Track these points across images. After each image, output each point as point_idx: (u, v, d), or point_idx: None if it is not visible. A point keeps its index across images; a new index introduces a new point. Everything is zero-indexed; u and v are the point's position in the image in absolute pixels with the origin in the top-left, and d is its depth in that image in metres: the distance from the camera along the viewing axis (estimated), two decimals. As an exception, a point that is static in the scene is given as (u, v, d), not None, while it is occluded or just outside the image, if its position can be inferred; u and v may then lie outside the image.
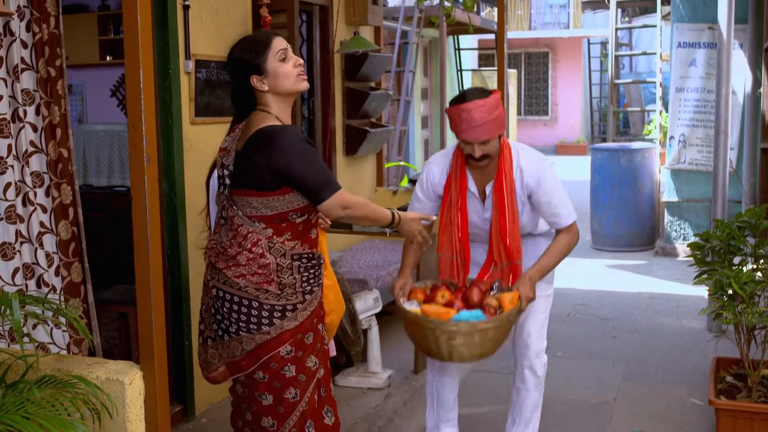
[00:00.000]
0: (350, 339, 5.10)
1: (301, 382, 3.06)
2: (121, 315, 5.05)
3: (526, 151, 3.79)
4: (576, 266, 8.96)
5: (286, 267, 3.00)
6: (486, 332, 3.41)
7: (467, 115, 3.55)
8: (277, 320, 2.99)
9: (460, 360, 3.50)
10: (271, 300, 2.99)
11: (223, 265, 3.02)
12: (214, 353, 3.12)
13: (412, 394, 5.14)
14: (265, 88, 3.01)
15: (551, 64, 25.88)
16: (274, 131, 2.94)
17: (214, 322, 3.10)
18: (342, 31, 6.74)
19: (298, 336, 3.04)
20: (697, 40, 9.07)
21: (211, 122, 4.84)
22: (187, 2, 4.62)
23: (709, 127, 8.84)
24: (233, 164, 3.02)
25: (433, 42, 12.89)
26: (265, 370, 3.02)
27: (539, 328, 3.99)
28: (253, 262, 2.97)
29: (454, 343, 3.40)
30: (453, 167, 3.79)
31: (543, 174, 3.73)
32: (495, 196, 3.73)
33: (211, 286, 3.09)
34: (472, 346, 3.42)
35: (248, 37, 3.12)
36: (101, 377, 2.81)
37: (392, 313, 6.76)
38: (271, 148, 2.90)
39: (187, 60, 4.67)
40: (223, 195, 3.06)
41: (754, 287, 3.96)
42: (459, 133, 3.61)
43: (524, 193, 3.75)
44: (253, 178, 2.94)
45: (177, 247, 4.58)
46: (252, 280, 2.97)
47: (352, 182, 7.03)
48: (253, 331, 2.99)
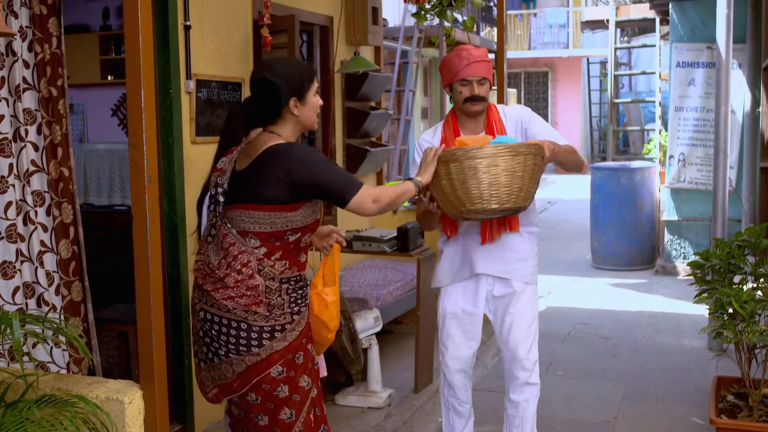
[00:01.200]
0: (350, 358, 5.09)
1: (295, 402, 3.05)
2: (121, 334, 5.04)
3: (506, 105, 4.00)
4: (576, 285, 8.96)
5: (274, 289, 3.01)
6: (525, 158, 3.35)
7: (467, 52, 3.73)
8: (266, 341, 2.99)
9: (498, 203, 3.37)
10: (259, 321, 2.99)
11: (210, 288, 3.02)
12: (207, 375, 3.13)
13: (412, 414, 5.13)
14: (298, 115, 3.09)
15: (551, 83, 25.97)
16: (286, 147, 3.02)
17: (203, 345, 3.09)
18: (342, 50, 6.77)
19: (288, 356, 3.04)
20: (696, 60, 9.11)
21: (212, 141, 4.84)
22: (188, 22, 4.65)
23: (708, 146, 8.86)
24: (228, 183, 3.05)
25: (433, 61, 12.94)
26: (258, 392, 3.02)
27: (526, 337, 3.91)
28: (242, 284, 2.98)
29: (496, 171, 3.30)
30: (445, 128, 3.89)
31: (530, 112, 3.91)
32: None
33: (198, 309, 3.08)
34: (512, 176, 3.33)
35: (297, 63, 3.21)
36: (101, 396, 2.81)
37: (392, 332, 6.76)
38: (290, 162, 2.96)
39: (188, 80, 4.69)
40: (214, 213, 3.07)
41: (754, 306, 3.96)
42: (458, 72, 3.72)
43: (515, 129, 3.83)
44: (263, 194, 2.96)
45: (177, 266, 4.58)
46: (240, 302, 2.97)
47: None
48: (243, 352, 2.98)
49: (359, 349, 5.15)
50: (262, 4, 5.32)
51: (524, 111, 3.92)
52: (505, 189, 3.36)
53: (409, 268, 6.50)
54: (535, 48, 25.40)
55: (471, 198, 3.37)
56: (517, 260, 3.88)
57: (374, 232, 6.02)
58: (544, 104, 26.18)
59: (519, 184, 3.38)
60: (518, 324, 3.90)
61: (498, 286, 3.90)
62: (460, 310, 3.96)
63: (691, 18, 9.19)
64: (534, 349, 3.95)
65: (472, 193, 3.36)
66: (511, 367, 3.95)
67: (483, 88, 3.77)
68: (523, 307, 3.90)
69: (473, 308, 3.95)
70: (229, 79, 5.10)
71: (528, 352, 3.91)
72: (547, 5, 26.22)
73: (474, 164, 3.32)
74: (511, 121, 3.87)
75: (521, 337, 3.90)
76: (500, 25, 6.61)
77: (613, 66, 11.61)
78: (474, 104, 3.78)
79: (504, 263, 3.86)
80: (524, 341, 3.90)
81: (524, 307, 3.91)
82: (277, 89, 3.05)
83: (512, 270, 3.87)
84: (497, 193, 3.36)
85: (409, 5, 7.39)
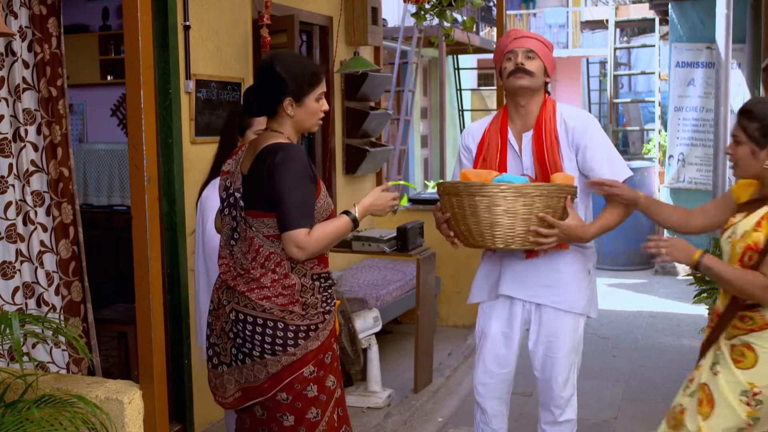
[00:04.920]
0: (350, 358, 5.09)
1: (321, 402, 3.02)
2: (120, 334, 5.04)
3: (569, 106, 3.61)
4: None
5: (308, 287, 2.97)
6: (533, 200, 3.13)
7: (514, 31, 3.54)
8: (302, 341, 2.95)
9: (503, 244, 3.21)
10: (296, 321, 2.94)
11: (245, 288, 2.96)
12: (230, 379, 3.05)
13: (411, 414, 5.13)
14: (291, 115, 3.00)
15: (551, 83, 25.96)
16: (281, 147, 2.92)
17: (233, 347, 3.01)
18: (342, 51, 6.77)
19: (321, 356, 3.01)
20: (695, 60, 9.12)
21: (212, 142, 4.84)
22: (187, 23, 4.65)
23: (708, 146, 8.87)
24: (242, 186, 3.00)
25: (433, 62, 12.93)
26: (289, 391, 2.97)
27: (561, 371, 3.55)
28: (278, 284, 2.93)
29: (497, 210, 3.13)
30: (493, 121, 3.60)
31: (590, 122, 3.53)
32: (534, 140, 3.46)
33: (229, 310, 3.01)
34: (515, 218, 3.14)
35: (307, 64, 3.07)
36: (100, 396, 2.80)
37: (392, 332, 6.76)
38: (271, 162, 2.88)
39: (188, 80, 4.69)
40: (236, 218, 3.01)
41: (753, 306, 3.95)
42: (505, 47, 3.49)
43: (570, 144, 3.46)
44: (263, 198, 2.92)
45: (177, 266, 4.58)
46: (277, 301, 2.93)
47: (352, 201, 6.99)
48: (279, 352, 2.93)
49: (359, 349, 5.16)
50: (261, 4, 5.32)
51: (587, 124, 3.50)
52: (509, 231, 3.19)
53: (409, 268, 6.50)
54: (534, 48, 25.36)
55: (475, 234, 3.25)
56: (557, 283, 3.49)
57: (374, 232, 6.02)
58: (544, 104, 26.17)
59: (525, 226, 3.19)
60: (553, 356, 3.55)
61: (535, 311, 3.56)
62: (493, 331, 3.62)
63: (690, 18, 9.20)
64: (570, 385, 3.59)
65: (473, 229, 3.24)
66: (546, 400, 3.63)
67: (531, 63, 3.42)
68: (559, 338, 3.53)
69: (507, 331, 3.61)
70: (228, 79, 5.10)
71: (563, 388, 3.57)
72: (546, 5, 26.22)
73: (474, 202, 3.18)
74: (568, 129, 3.47)
75: (556, 371, 3.55)
76: (500, 25, 6.61)
77: (613, 66, 11.61)
78: (518, 77, 3.41)
79: (538, 287, 3.50)
80: (559, 376, 3.55)
81: (562, 338, 3.53)
82: (277, 83, 2.97)
83: (546, 294, 3.51)
84: (501, 233, 3.20)
85: (409, 5, 7.39)
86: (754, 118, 2.97)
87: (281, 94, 2.98)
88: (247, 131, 3.64)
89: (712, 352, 3.10)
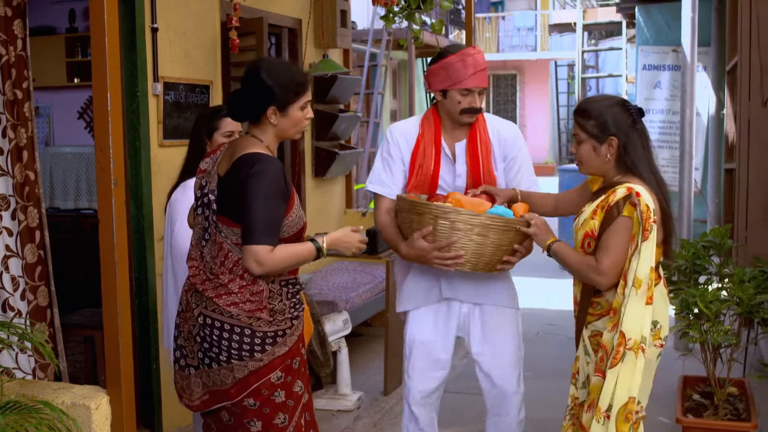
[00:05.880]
0: (319, 361, 5.09)
1: (289, 408, 3.02)
2: (87, 338, 5.00)
3: (498, 117, 3.68)
4: (544, 286, 9.01)
5: (276, 293, 2.97)
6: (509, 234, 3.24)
7: (473, 59, 3.44)
8: (269, 347, 2.94)
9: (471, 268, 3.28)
10: (263, 327, 2.93)
11: (213, 293, 2.94)
12: (197, 381, 3.03)
13: (381, 416, 5.13)
14: (275, 124, 2.98)
15: (519, 86, 26.15)
16: (258, 158, 2.88)
17: (199, 350, 3.00)
18: (311, 53, 6.76)
19: (288, 361, 3.00)
20: (661, 63, 9.22)
21: (180, 145, 4.82)
22: (155, 25, 4.62)
23: (674, 148, 8.97)
24: (217, 189, 2.98)
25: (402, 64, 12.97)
26: (256, 397, 2.96)
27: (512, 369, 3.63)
28: (246, 290, 2.92)
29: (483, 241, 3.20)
30: (425, 127, 3.58)
31: (519, 134, 3.65)
32: (468, 151, 3.53)
33: (197, 314, 2.99)
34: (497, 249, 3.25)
35: (294, 72, 3.04)
36: (67, 402, 2.78)
37: (362, 335, 6.76)
38: (246, 173, 2.85)
39: (156, 82, 4.66)
40: (208, 219, 2.99)
41: (719, 306, 4.01)
42: (464, 79, 3.42)
43: (502, 154, 3.57)
44: (235, 207, 2.90)
45: (145, 269, 4.55)
46: (244, 308, 2.92)
47: (321, 204, 7.03)
48: (246, 358, 2.92)
49: (328, 352, 5.15)
50: (230, 6, 5.31)
51: (518, 136, 3.63)
52: (486, 259, 3.27)
53: (378, 271, 6.51)
54: (503, 51, 25.55)
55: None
56: (494, 282, 3.58)
57: (343, 234, 6.01)
58: (513, 106, 26.35)
59: (500, 256, 3.30)
60: (502, 355, 3.60)
61: (474, 313, 3.62)
62: (428, 338, 3.62)
63: (656, 21, 9.30)
64: (522, 382, 3.67)
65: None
66: (498, 405, 3.64)
67: (481, 99, 3.50)
68: (505, 337, 3.62)
69: (444, 336, 3.63)
70: (196, 82, 5.08)
71: (517, 387, 3.64)
72: (515, 8, 26.39)
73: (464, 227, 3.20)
74: (501, 139, 3.57)
75: (508, 370, 3.61)
76: (468, 28, 6.64)
77: (581, 69, 11.72)
78: (471, 116, 3.49)
79: (477, 287, 3.57)
80: (511, 374, 3.62)
81: (508, 335, 3.63)
82: (261, 91, 2.95)
83: (487, 294, 3.59)
84: (476, 261, 3.26)
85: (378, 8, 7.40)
86: (590, 116, 3.12)
87: (266, 102, 2.95)
88: (214, 134, 3.63)
89: (582, 343, 3.25)
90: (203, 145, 3.63)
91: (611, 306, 3.08)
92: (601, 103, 3.17)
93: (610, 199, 3.05)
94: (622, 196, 3.01)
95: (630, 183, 3.06)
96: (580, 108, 3.20)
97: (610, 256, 3.02)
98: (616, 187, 3.06)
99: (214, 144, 3.59)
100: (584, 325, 3.22)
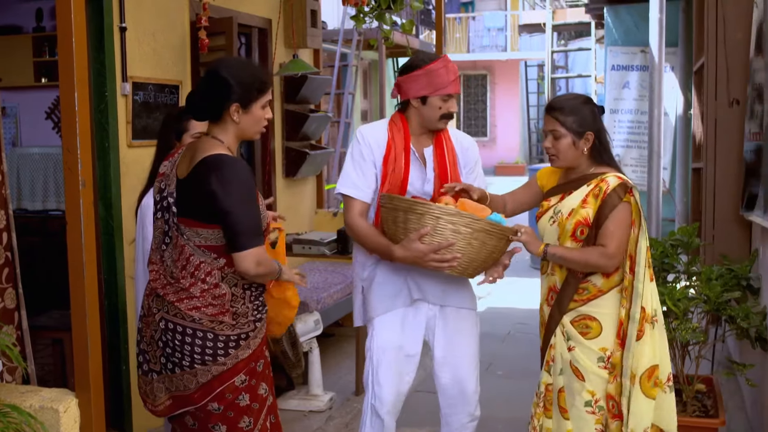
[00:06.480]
0: (291, 362, 5.07)
1: (254, 410, 3.00)
2: (56, 341, 4.95)
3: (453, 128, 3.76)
4: (514, 285, 9.04)
5: (239, 296, 2.95)
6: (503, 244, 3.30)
7: (452, 65, 3.50)
8: (232, 350, 2.93)
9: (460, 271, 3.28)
10: (226, 330, 2.92)
11: (174, 298, 2.92)
12: (161, 387, 3.01)
13: (353, 416, 5.13)
14: (237, 121, 2.96)
15: (489, 86, 26.24)
16: (224, 161, 2.87)
17: (162, 356, 2.97)
18: (281, 53, 6.75)
19: (252, 364, 2.99)
20: (630, 63, 9.29)
21: (149, 145, 4.79)
22: (123, 24, 4.59)
23: (642, 147, 9.04)
24: (176, 192, 2.95)
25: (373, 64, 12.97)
26: (220, 401, 2.94)
27: (473, 370, 3.69)
28: (208, 294, 2.90)
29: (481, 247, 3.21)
30: (394, 131, 3.56)
31: (475, 144, 3.79)
32: (436, 157, 3.58)
33: (158, 319, 2.97)
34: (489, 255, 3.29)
35: (256, 70, 3.05)
36: (35, 405, 2.75)
37: (333, 335, 6.75)
38: (216, 177, 2.83)
39: (124, 82, 4.63)
40: (169, 222, 2.97)
41: (687, 304, 4.05)
42: (446, 86, 3.46)
43: (464, 162, 3.67)
44: (200, 209, 2.89)
45: (114, 271, 4.52)
46: (207, 312, 2.90)
47: (292, 205, 7.02)
48: (209, 362, 2.91)
49: (300, 352, 5.14)
50: (199, 6, 5.28)
51: (475, 147, 3.76)
52: (476, 265, 3.28)
53: (350, 271, 6.48)
54: (473, 51, 25.63)
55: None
56: (456, 284, 3.61)
57: (314, 235, 6.02)
58: (483, 107, 26.44)
59: (489, 263, 3.33)
60: (465, 356, 3.65)
61: (439, 315, 3.64)
62: (398, 343, 3.61)
63: (625, 22, 9.37)
64: (478, 382, 3.72)
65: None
66: (455, 403, 3.67)
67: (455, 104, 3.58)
68: (467, 338, 3.67)
69: (414, 339, 3.64)
70: (166, 82, 5.05)
71: (476, 386, 3.69)
72: (485, 9, 26.49)
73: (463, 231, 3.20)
74: (463, 148, 3.67)
75: (469, 370, 3.66)
76: (439, 28, 6.66)
77: (550, 69, 11.78)
78: (446, 121, 3.55)
79: (443, 289, 3.59)
80: (472, 374, 3.66)
81: (470, 337, 3.68)
82: (223, 88, 2.93)
83: (452, 296, 3.62)
84: (467, 265, 3.26)
85: (348, 8, 7.40)
86: (569, 113, 3.28)
87: (228, 99, 2.93)
88: (184, 135, 3.60)
89: (559, 331, 3.37)
90: (172, 147, 3.61)
91: (599, 289, 3.26)
92: (576, 101, 3.34)
93: (602, 188, 3.22)
94: (617, 184, 3.21)
95: (609, 173, 3.27)
96: (557, 105, 3.33)
97: (616, 239, 3.19)
98: (603, 177, 3.25)
99: (184, 145, 3.57)
100: (563, 312, 3.33)
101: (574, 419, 3.30)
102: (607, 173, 3.27)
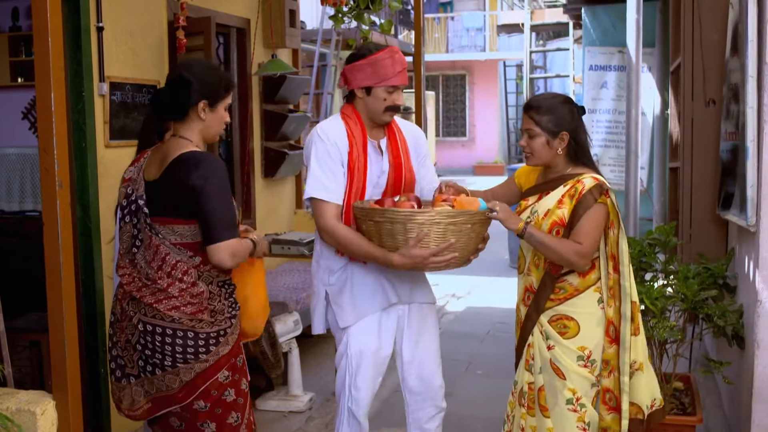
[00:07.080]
0: (270, 362, 5.06)
1: (239, 405, 3.05)
2: (33, 343, 4.91)
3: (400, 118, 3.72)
4: (494, 285, 9.08)
5: (216, 294, 3.00)
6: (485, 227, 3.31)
7: (400, 56, 3.42)
8: (213, 347, 2.96)
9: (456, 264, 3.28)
10: (206, 328, 2.95)
11: (152, 300, 2.93)
12: (139, 390, 3.01)
13: (333, 417, 5.11)
14: (203, 119, 3.01)
15: (468, 86, 26.29)
16: (200, 157, 2.93)
17: (140, 359, 2.98)
18: (260, 53, 6.73)
19: (232, 360, 3.03)
20: (607, 63, 9.33)
21: (127, 145, 4.77)
22: (100, 24, 4.56)
23: (620, 147, 9.08)
24: (146, 193, 2.97)
25: (352, 64, 12.95)
26: (206, 399, 2.96)
27: (438, 364, 3.73)
28: (186, 293, 2.93)
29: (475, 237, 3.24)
30: (351, 128, 3.47)
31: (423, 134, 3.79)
32: (390, 148, 3.53)
33: (136, 321, 2.97)
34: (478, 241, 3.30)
35: (220, 70, 3.13)
36: (12, 408, 2.74)
37: (312, 336, 6.74)
38: (196, 172, 2.87)
39: (102, 82, 4.60)
40: (139, 225, 2.98)
41: (665, 302, 4.08)
42: (391, 77, 3.38)
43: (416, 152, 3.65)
44: (177, 206, 2.91)
45: (92, 272, 4.49)
46: (186, 311, 2.92)
47: (271, 205, 7.00)
48: (191, 360, 2.93)
49: (279, 353, 5.13)
50: (177, 5, 5.26)
51: (423, 135, 3.76)
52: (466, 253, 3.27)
53: (329, 271, 6.48)
54: (452, 51, 25.68)
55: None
56: (419, 280, 3.63)
57: (293, 235, 6.00)
58: (462, 107, 26.49)
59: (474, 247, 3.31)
60: (430, 352, 3.68)
61: (406, 312, 3.64)
62: (375, 346, 3.58)
63: (602, 22, 9.41)
64: (442, 375, 3.75)
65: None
66: (422, 399, 3.69)
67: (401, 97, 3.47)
68: (431, 334, 3.70)
69: (388, 340, 3.62)
70: (143, 82, 5.02)
71: (441, 381, 3.73)
72: (463, 9, 26.54)
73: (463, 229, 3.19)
74: (410, 136, 3.64)
75: (435, 366, 3.70)
76: (418, 28, 6.66)
77: (529, 69, 11.82)
78: (392, 114, 3.50)
79: (411, 286, 3.60)
80: (437, 369, 3.71)
81: (435, 332, 3.72)
82: (189, 86, 2.97)
83: (419, 293, 3.64)
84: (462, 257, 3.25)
85: (327, 8, 7.39)
86: (545, 113, 3.29)
87: (196, 97, 2.97)
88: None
89: (537, 330, 3.39)
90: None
91: (576, 288, 3.28)
92: (553, 100, 3.34)
93: (578, 188, 3.23)
94: (593, 185, 3.21)
95: (585, 173, 3.28)
96: (534, 104, 3.34)
97: (590, 238, 3.20)
98: (579, 178, 3.27)
99: None
100: (541, 312, 3.35)
101: (556, 417, 3.31)
102: (584, 174, 3.29)
